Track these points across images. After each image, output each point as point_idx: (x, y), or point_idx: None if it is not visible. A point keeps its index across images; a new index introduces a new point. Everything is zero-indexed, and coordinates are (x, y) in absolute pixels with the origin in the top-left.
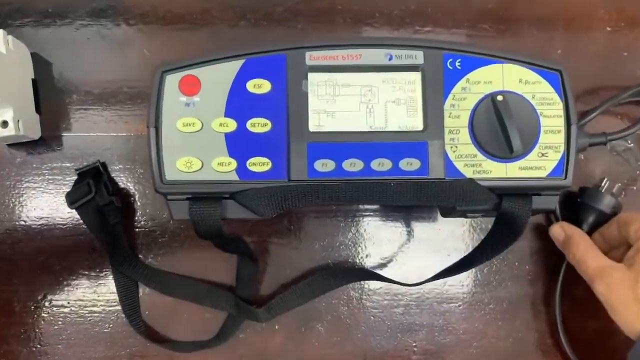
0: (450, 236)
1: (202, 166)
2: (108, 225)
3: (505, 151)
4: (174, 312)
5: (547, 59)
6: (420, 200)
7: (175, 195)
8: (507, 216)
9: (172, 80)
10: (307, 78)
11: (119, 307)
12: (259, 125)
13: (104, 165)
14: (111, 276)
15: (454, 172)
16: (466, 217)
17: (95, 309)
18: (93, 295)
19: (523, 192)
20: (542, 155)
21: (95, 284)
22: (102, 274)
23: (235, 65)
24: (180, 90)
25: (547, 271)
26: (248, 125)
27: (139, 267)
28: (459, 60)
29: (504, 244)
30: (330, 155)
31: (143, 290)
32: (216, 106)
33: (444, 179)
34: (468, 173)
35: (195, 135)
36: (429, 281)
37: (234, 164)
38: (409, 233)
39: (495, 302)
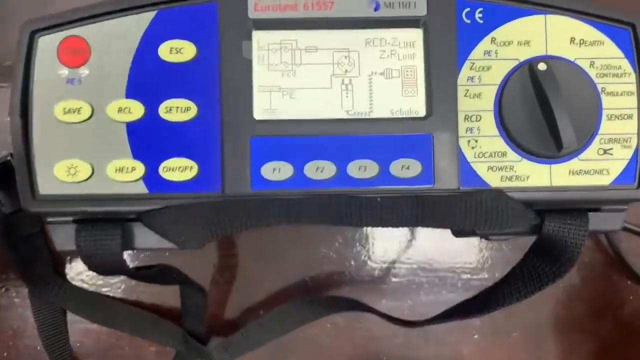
0: (468, 250)
1: (92, 173)
2: (20, 239)
3: (549, 147)
4: (111, 345)
5: (614, 9)
6: (422, 222)
7: (56, 217)
8: (550, 242)
9: (47, 45)
10: (250, 38)
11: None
12: (177, 110)
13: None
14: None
15: (473, 179)
16: (488, 239)
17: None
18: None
19: (575, 208)
20: (605, 152)
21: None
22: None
23: (142, 21)
24: (60, 59)
25: (587, 287)
26: (161, 110)
27: (64, 289)
28: (481, 9)
29: (545, 279)
30: (286, 155)
31: (72, 318)
32: (114, 82)
33: (458, 189)
34: (494, 181)
35: (83, 127)
36: (436, 322)
37: (140, 169)
38: (412, 244)
39: (520, 329)
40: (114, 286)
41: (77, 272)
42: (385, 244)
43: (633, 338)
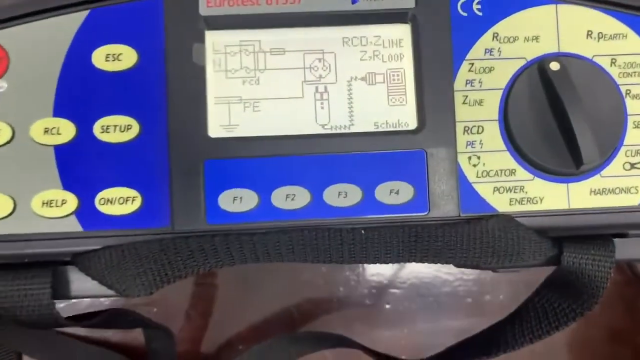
0: (469, 270)
1: (14, 208)
2: None
3: (567, 162)
4: None
5: None
6: (416, 258)
7: None
8: (571, 275)
9: None
10: (202, 40)
11: None
12: (116, 129)
13: None
14: None
15: (476, 203)
16: (495, 271)
17: None
18: None
19: (599, 234)
20: (631, 166)
21: None
22: None
23: (71, 23)
24: None
25: (603, 311)
26: (96, 130)
27: (15, 330)
28: None
29: (564, 317)
30: (249, 181)
31: None
32: (38, 98)
33: (459, 217)
34: (501, 205)
35: (1, 152)
36: None
37: (72, 202)
38: (406, 266)
39: (531, 356)
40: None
41: None
42: (376, 266)
43: None
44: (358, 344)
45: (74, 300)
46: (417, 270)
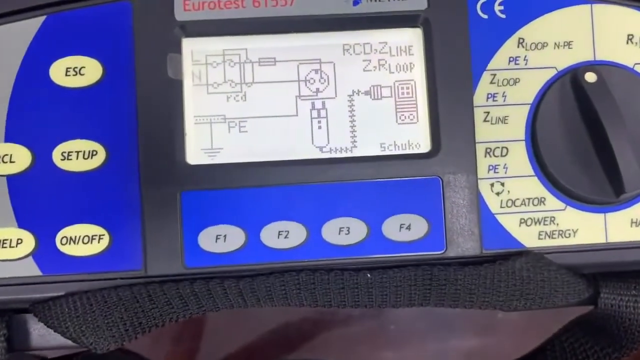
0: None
1: None
2: None
3: (605, 189)
4: None
5: None
6: (430, 302)
7: None
8: (608, 318)
9: None
10: (179, 49)
11: None
12: (79, 155)
13: None
14: None
15: (501, 238)
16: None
17: None
18: None
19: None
20: None
21: None
22: None
23: (25, 31)
24: None
25: None
26: (56, 157)
27: None
28: None
29: None
30: (234, 216)
31: None
32: None
33: (481, 255)
34: (530, 239)
35: None
36: None
37: (29, 241)
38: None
39: None
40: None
41: None
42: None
43: None
44: None
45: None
46: None
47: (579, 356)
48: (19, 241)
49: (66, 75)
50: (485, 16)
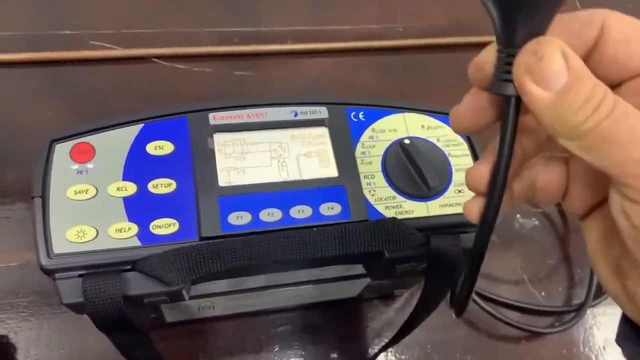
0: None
1: (96, 235)
2: None
3: (422, 189)
4: None
5: (443, 107)
6: (346, 248)
7: (65, 273)
8: (439, 256)
9: (62, 149)
10: (212, 137)
11: None
12: (162, 186)
13: None
14: None
15: (376, 214)
16: (394, 274)
17: None
18: None
19: (449, 231)
20: (459, 192)
21: None
22: None
23: (133, 130)
24: (72, 158)
25: None
26: (150, 187)
27: None
28: (362, 112)
29: (442, 287)
30: (245, 207)
31: None
32: (113, 171)
33: (367, 220)
34: (390, 215)
35: (89, 203)
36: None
37: (134, 228)
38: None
39: None
40: None
41: None
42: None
43: None
44: None
45: None
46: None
47: (435, 289)
48: (128, 228)
49: (154, 149)
50: (355, 120)
